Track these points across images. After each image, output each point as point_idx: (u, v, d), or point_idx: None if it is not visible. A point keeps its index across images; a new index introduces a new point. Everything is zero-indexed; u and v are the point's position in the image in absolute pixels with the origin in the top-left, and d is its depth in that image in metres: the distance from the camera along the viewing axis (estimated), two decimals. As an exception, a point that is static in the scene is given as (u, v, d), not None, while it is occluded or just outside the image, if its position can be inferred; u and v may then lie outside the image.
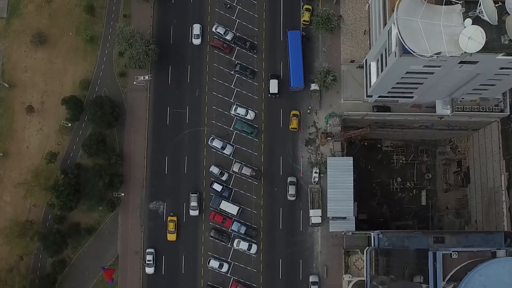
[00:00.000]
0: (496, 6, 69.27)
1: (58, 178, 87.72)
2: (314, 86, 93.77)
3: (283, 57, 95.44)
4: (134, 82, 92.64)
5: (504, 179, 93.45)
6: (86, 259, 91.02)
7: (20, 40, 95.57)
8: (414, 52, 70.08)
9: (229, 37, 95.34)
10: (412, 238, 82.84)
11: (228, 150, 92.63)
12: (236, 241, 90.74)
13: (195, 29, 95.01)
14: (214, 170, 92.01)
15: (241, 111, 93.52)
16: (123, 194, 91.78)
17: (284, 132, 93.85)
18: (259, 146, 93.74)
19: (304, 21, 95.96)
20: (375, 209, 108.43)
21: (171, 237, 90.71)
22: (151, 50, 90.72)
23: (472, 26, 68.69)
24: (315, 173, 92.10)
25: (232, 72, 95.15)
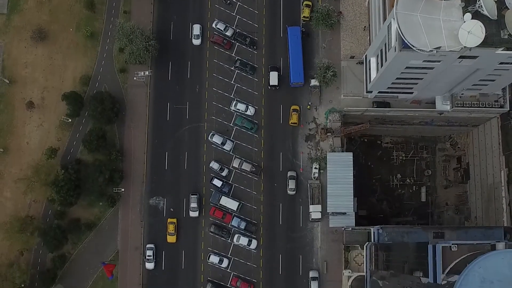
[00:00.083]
0: (495, 0, 69.46)
1: (58, 174, 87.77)
2: (314, 82, 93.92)
3: (283, 53, 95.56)
4: (134, 77, 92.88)
5: (503, 175, 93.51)
6: (86, 255, 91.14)
7: (20, 36, 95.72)
8: (413, 46, 70.30)
9: (229, 33, 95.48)
10: (411, 233, 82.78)
11: (228, 146, 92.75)
12: (236, 236, 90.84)
13: (195, 29, 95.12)
14: (214, 165, 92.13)
15: (241, 107, 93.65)
16: (123, 190, 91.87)
17: (284, 127, 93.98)
18: (259, 142, 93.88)
19: (304, 17, 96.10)
20: (375, 205, 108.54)
21: (171, 239, 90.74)
22: (151, 46, 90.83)
23: (471, 20, 68.90)
24: (315, 168, 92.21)
25: (232, 68, 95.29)
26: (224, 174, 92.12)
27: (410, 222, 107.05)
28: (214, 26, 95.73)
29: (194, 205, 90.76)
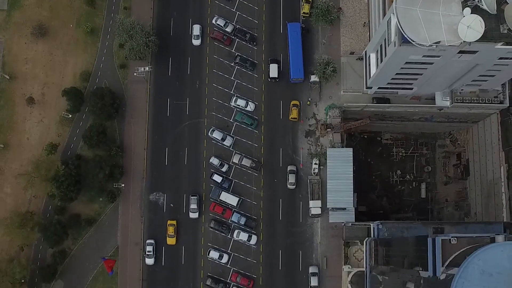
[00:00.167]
0: (495, -5, 69.68)
1: (58, 169, 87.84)
2: (314, 78, 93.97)
3: (283, 49, 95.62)
4: (135, 73, 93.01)
5: (503, 171, 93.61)
6: (87, 250, 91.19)
7: (20, 32, 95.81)
8: (413, 41, 70.51)
9: (229, 29, 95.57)
10: (411, 228, 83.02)
11: (228, 142, 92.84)
12: (236, 232, 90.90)
13: (195, 29, 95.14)
14: (214, 161, 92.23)
15: (241, 103, 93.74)
16: (123, 185, 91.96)
17: (284, 123, 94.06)
18: (259, 138, 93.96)
19: (303, 13, 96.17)
20: (375, 201, 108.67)
21: (171, 241, 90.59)
22: (152, 42, 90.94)
23: (471, 15, 69.08)
24: (315, 164, 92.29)
25: (232, 64, 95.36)
26: (224, 169, 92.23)
27: (410, 218, 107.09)
28: (214, 22, 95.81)
29: (194, 206, 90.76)
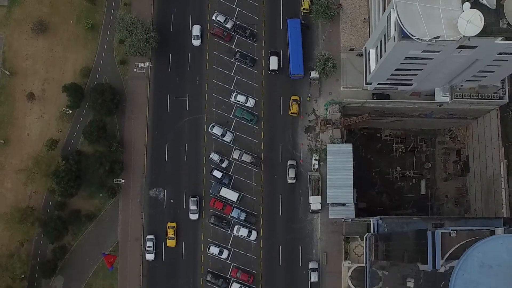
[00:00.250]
0: (494, -11, 69.81)
1: (59, 165, 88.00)
2: (313, 74, 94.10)
3: (283, 45, 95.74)
4: (135, 69, 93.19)
5: (503, 167, 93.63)
6: (87, 246, 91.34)
7: (21, 28, 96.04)
8: (413, 36, 70.53)
9: (229, 25, 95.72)
10: (411, 224, 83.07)
11: (228, 137, 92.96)
12: (236, 227, 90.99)
13: (195, 30, 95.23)
14: (214, 157, 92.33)
15: (241, 99, 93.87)
16: (124, 181, 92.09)
17: (284, 118, 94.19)
18: (259, 133, 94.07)
19: (303, 9, 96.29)
20: (375, 198, 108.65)
21: (171, 243, 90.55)
22: (152, 38, 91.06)
23: (470, 9, 69.16)
24: (315, 160, 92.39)
25: (232, 60, 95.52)
26: (224, 165, 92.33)
27: (410, 215, 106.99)
28: (214, 18, 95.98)
29: (194, 207, 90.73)
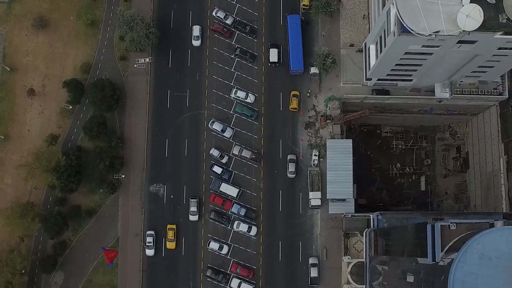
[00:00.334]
0: (494, -16, 69.94)
1: (59, 160, 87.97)
2: (313, 70, 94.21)
3: (283, 41, 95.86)
4: (135, 65, 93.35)
5: (503, 162, 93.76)
6: (87, 241, 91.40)
7: (21, 24, 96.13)
8: (412, 30, 70.69)
9: (229, 21, 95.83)
10: (411, 219, 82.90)
11: (228, 133, 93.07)
12: (236, 223, 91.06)
13: (195, 30, 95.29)
14: (214, 152, 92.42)
15: (241, 94, 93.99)
16: (124, 176, 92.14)
17: (284, 114, 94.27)
18: (259, 129, 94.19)
19: (303, 5, 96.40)
20: (375, 194, 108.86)
21: (171, 245, 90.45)
22: (152, 33, 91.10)
23: (470, 4, 69.36)
24: (315, 155, 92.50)
25: (232, 56, 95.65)
26: (224, 161, 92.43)
27: (410, 211, 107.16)
28: (214, 14, 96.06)
29: (193, 209, 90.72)
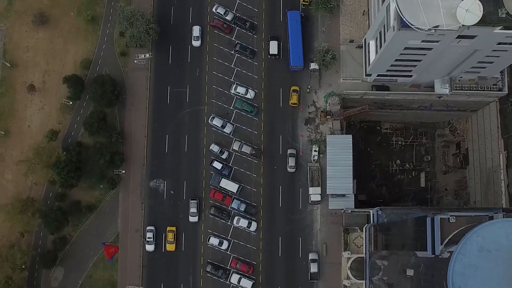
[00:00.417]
0: (493, -22, 70.08)
1: (60, 155, 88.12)
2: (313, 66, 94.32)
3: (283, 37, 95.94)
4: (135, 60, 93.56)
5: (502, 158, 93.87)
6: (87, 237, 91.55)
7: (21, 20, 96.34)
8: (412, 25, 70.78)
9: (229, 17, 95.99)
10: (410, 214, 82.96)
11: (228, 129, 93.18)
12: (236, 218, 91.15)
13: (195, 31, 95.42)
14: (214, 148, 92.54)
15: (241, 90, 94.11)
16: (124, 172, 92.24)
17: (284, 110, 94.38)
18: (259, 125, 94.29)
19: (303, 1, 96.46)
20: (375, 190, 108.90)
21: (170, 247, 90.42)
22: (152, 29, 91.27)
23: (469, -2, 69.53)
24: (315, 151, 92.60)
25: (232, 52, 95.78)
26: (224, 156, 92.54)
27: (410, 207, 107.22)
28: (214, 10, 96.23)
29: (193, 210, 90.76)
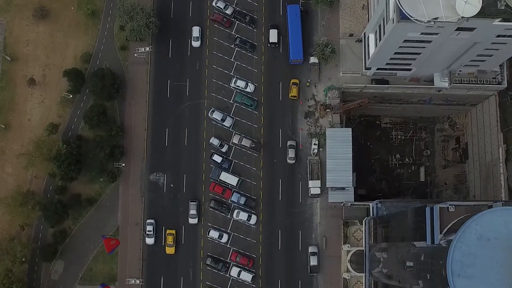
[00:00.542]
0: (492, -31, 70.24)
1: (60, 148, 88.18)
2: (313, 59, 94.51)
3: (283, 31, 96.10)
4: (135, 54, 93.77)
5: (502, 152, 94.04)
6: (87, 230, 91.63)
7: (22, 14, 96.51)
8: (411, 17, 70.94)
9: (229, 11, 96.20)
10: (410, 207, 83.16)
11: (228, 122, 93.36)
12: (235, 212, 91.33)
13: (195, 31, 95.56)
14: (214, 141, 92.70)
15: (241, 84, 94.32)
16: (124, 165, 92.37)
17: (283, 103, 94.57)
18: (259, 118, 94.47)
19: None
20: (374, 185, 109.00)
21: (170, 250, 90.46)
22: (152, 23, 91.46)
23: (468, -10, 69.68)
24: (314, 144, 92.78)
25: (232, 45, 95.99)
26: (224, 150, 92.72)
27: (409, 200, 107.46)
28: (214, 4, 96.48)
29: (193, 212, 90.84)
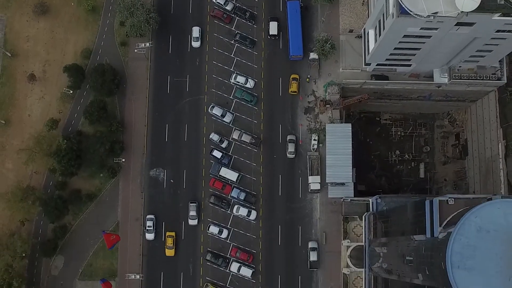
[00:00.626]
0: (492, -36, 70.38)
1: (60, 144, 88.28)
2: (313, 55, 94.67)
3: (283, 27, 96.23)
4: (135, 49, 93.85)
5: (501, 147, 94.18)
6: (87, 225, 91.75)
7: (22, 10, 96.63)
8: (411, 11, 71.08)
9: (229, 7, 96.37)
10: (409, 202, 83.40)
11: (228, 118, 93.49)
12: (235, 207, 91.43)
13: (194, 31, 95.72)
14: (214, 137, 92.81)
15: (240, 80, 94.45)
16: (124, 160, 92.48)
17: (283, 98, 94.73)
18: (259, 114, 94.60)
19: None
20: (374, 181, 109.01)
21: (170, 252, 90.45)
22: (152, 19, 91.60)
23: (468, -16, 69.78)
24: (314, 140, 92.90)
25: (232, 41, 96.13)
26: (224, 145, 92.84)
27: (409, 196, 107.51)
28: (214, 0, 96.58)
29: (193, 213, 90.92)
